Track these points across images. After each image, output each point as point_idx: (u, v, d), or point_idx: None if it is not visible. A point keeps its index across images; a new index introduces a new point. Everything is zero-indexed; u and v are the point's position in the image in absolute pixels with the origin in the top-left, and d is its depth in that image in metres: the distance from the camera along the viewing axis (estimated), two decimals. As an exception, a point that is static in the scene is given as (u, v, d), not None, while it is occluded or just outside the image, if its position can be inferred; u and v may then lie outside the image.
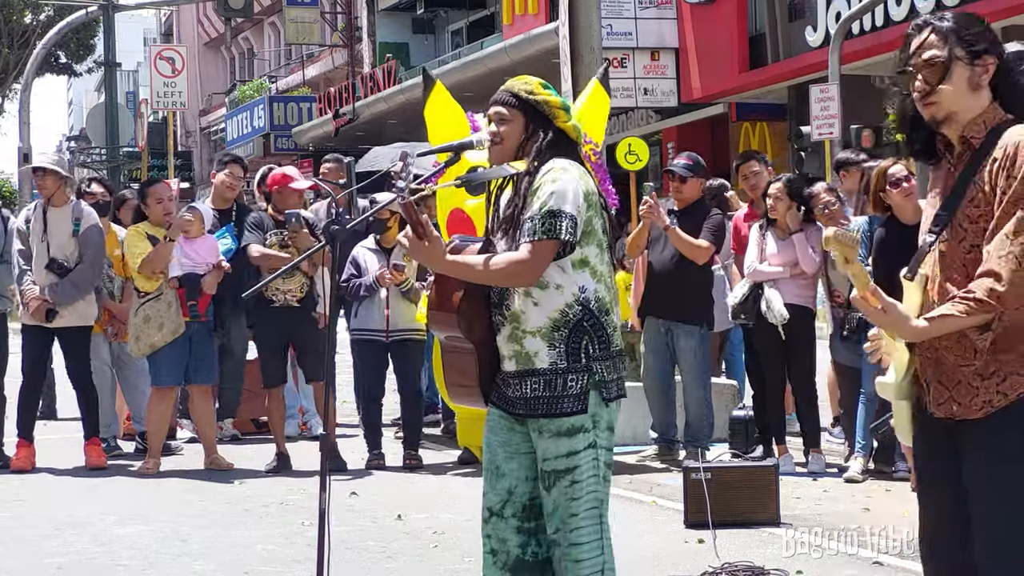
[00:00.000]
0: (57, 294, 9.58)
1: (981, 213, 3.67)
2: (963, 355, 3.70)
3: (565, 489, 4.31)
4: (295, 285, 9.51)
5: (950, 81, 3.70)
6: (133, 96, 57.24)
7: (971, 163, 3.72)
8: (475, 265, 4.31)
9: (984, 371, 3.68)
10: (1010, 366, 3.66)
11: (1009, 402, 3.66)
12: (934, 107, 3.73)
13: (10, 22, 41.61)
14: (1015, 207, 3.58)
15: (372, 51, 37.57)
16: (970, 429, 3.71)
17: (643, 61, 25.30)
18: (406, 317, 9.56)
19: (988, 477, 3.69)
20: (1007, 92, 3.75)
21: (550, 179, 4.29)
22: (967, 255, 3.70)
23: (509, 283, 4.31)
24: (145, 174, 26.22)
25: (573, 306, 4.30)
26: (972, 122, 3.73)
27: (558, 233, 4.22)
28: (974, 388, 3.69)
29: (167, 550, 7.15)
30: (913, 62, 3.75)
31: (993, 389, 3.67)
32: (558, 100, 4.45)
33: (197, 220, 9.69)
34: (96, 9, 26.17)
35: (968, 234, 3.70)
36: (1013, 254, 3.56)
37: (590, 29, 11.58)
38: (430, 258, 4.31)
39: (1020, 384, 3.65)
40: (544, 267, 4.26)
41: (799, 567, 6.31)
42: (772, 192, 9.02)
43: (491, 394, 4.47)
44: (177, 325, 9.44)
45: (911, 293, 3.80)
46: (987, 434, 3.68)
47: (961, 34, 3.71)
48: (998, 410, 3.67)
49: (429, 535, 7.36)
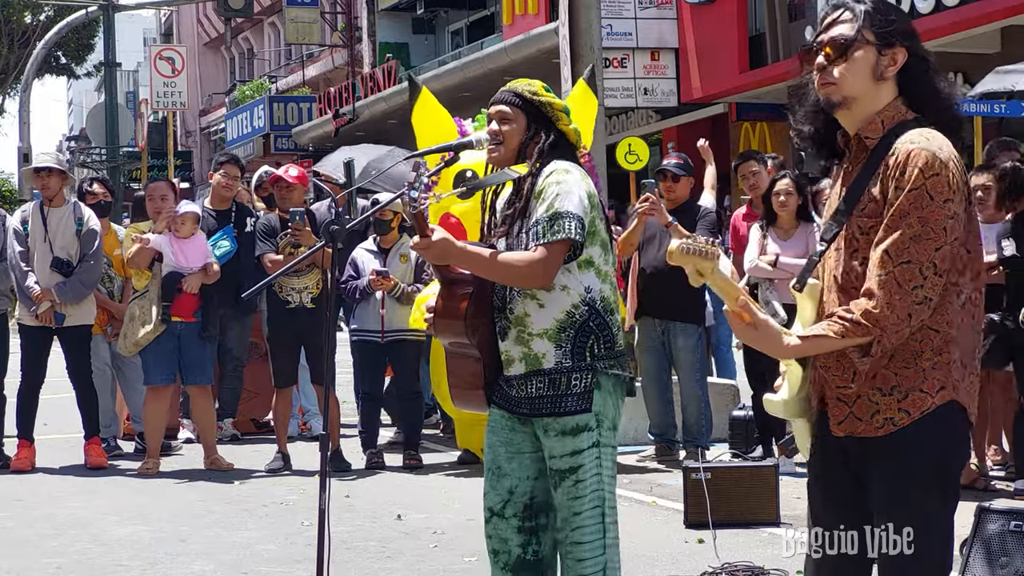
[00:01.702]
0: (65, 293, 9.60)
1: (872, 224, 3.39)
2: (841, 375, 3.46)
3: (569, 488, 4.32)
4: (311, 282, 9.52)
5: (852, 62, 3.43)
6: (133, 96, 57.29)
7: (865, 167, 3.44)
8: (489, 259, 4.28)
9: (884, 386, 3.41)
10: (911, 381, 3.39)
11: (912, 420, 3.39)
12: (830, 87, 3.45)
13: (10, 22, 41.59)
14: (899, 222, 3.31)
15: (372, 51, 37.55)
16: (872, 448, 3.43)
17: (643, 61, 25.27)
18: (401, 317, 9.56)
19: (891, 500, 3.42)
20: (913, 89, 3.46)
21: (554, 180, 4.29)
22: (861, 268, 3.42)
23: (523, 283, 4.29)
24: (145, 174, 26.22)
25: (579, 307, 4.30)
26: (870, 119, 3.46)
27: (568, 233, 4.22)
28: (874, 404, 3.42)
29: (167, 550, 7.15)
30: (819, 38, 3.50)
31: (895, 406, 3.40)
32: (560, 103, 4.47)
33: (188, 219, 9.66)
34: (96, 9, 26.17)
35: (860, 246, 3.42)
36: (894, 277, 3.30)
37: (590, 29, 11.58)
38: (444, 253, 4.25)
39: (922, 401, 3.38)
40: (557, 268, 4.26)
41: (799, 567, 6.29)
42: (781, 188, 9.01)
43: (493, 395, 4.48)
44: (159, 323, 9.44)
45: (803, 305, 3.56)
46: (890, 456, 3.41)
47: (875, 19, 3.44)
48: (900, 429, 3.40)
49: (429, 535, 7.35)
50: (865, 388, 3.44)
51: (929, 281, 3.31)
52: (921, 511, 3.41)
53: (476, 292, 4.37)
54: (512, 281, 4.30)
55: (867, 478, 3.49)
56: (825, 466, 3.61)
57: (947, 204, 3.31)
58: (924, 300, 3.32)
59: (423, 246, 4.23)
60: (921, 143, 3.36)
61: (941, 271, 3.32)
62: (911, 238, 3.31)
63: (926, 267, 3.31)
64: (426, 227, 4.20)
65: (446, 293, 4.46)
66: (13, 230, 9.73)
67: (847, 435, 3.49)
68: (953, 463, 3.49)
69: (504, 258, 4.28)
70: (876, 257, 3.34)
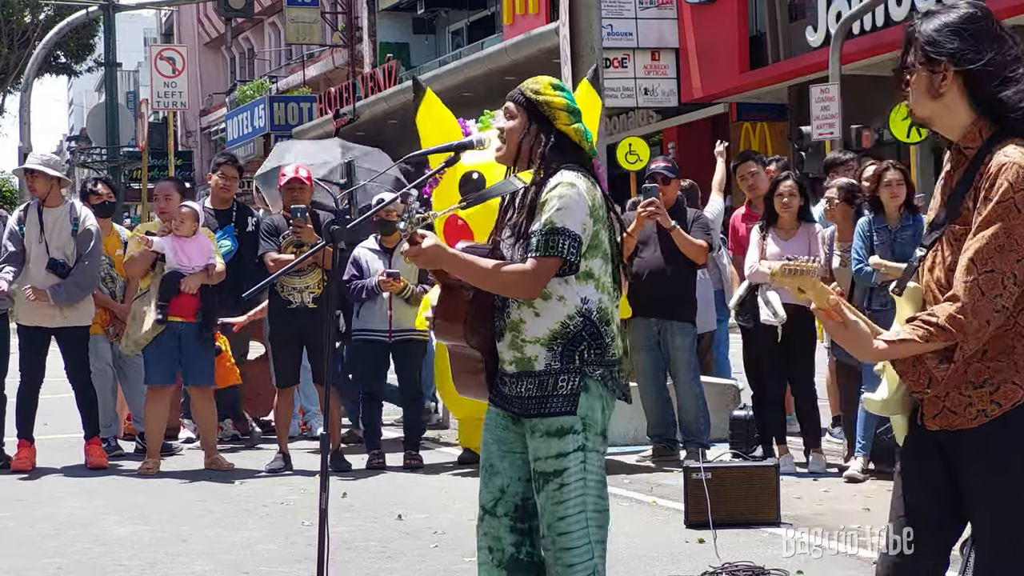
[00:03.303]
0: (60, 295, 9.58)
1: (964, 232, 3.53)
2: (916, 380, 3.57)
3: (553, 493, 4.30)
4: (312, 281, 9.52)
5: (912, 87, 3.61)
6: (133, 96, 57.31)
7: (963, 178, 3.59)
8: (480, 266, 4.30)
9: (976, 379, 3.53)
10: (1002, 374, 3.51)
11: (1003, 411, 3.51)
12: (911, 111, 3.66)
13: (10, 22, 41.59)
14: (986, 232, 3.44)
15: (372, 51, 37.58)
16: (965, 440, 3.56)
17: (643, 61, 25.30)
18: (409, 317, 9.57)
19: (983, 493, 3.55)
20: (979, 101, 3.57)
21: (557, 195, 4.27)
22: (952, 274, 3.55)
23: (508, 293, 4.31)
24: (145, 174, 26.24)
25: (575, 317, 4.30)
26: (967, 130, 3.59)
27: (560, 251, 4.23)
28: (967, 397, 3.54)
29: (167, 550, 7.14)
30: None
31: (987, 398, 3.52)
32: (562, 102, 4.42)
33: (188, 217, 9.66)
34: (96, 9, 26.18)
35: (954, 252, 3.56)
36: (978, 284, 3.43)
37: (590, 29, 11.58)
38: (435, 259, 4.28)
39: (1013, 393, 3.51)
40: (545, 282, 4.26)
41: (799, 567, 6.30)
42: (785, 189, 9.00)
43: (491, 391, 4.48)
44: (156, 322, 9.43)
45: (902, 309, 3.68)
46: (983, 448, 3.54)
47: (925, 38, 3.58)
48: (991, 420, 3.52)
49: (429, 535, 7.35)
50: (958, 382, 3.55)
51: (1008, 290, 3.44)
52: (1015, 504, 3.52)
53: (477, 296, 4.38)
54: (499, 290, 4.32)
55: (961, 472, 3.60)
56: (919, 460, 3.72)
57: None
58: (1002, 308, 3.45)
59: (414, 253, 4.26)
60: (1015, 156, 3.48)
61: (1020, 281, 3.45)
62: (996, 248, 3.43)
63: (1007, 277, 3.43)
64: (416, 235, 4.24)
65: (446, 297, 4.47)
66: (9, 230, 9.71)
67: (941, 428, 3.61)
68: None
69: (494, 267, 4.29)
70: (963, 264, 3.47)
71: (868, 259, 8.43)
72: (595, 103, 9.28)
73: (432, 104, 9.21)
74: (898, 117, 18.00)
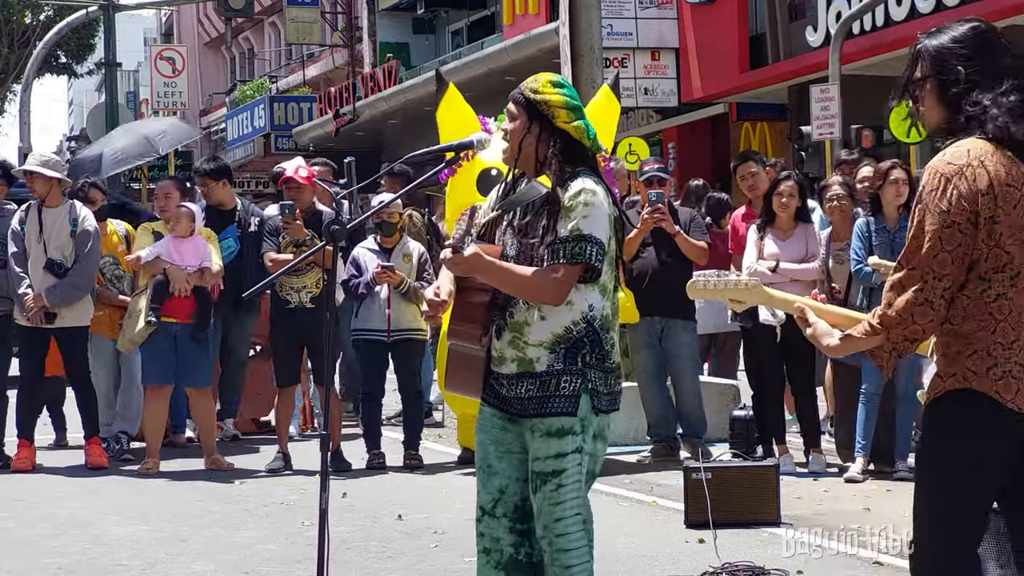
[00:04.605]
0: (56, 296, 9.57)
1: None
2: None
3: (550, 493, 4.31)
4: (310, 281, 9.51)
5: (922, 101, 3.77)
6: (134, 96, 57.26)
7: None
8: (517, 274, 4.30)
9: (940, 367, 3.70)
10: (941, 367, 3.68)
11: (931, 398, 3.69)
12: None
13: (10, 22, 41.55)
14: (910, 233, 3.63)
15: (372, 51, 37.53)
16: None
17: (643, 61, 25.26)
18: (407, 317, 9.58)
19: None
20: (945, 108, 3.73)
21: (583, 201, 4.29)
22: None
23: (536, 299, 4.31)
24: (145, 174, 26.20)
25: (579, 323, 4.32)
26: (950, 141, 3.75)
27: (588, 258, 4.26)
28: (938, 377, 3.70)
29: (167, 550, 7.15)
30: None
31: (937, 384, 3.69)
32: (561, 99, 4.41)
33: (184, 217, 9.65)
34: (96, 9, 26.13)
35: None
36: (900, 281, 3.62)
37: (590, 29, 11.60)
38: (474, 267, 4.28)
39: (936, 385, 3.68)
40: (570, 289, 4.29)
41: (799, 567, 6.31)
42: (785, 189, 9.03)
43: (483, 391, 4.48)
44: (146, 323, 9.42)
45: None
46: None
47: (921, 55, 3.74)
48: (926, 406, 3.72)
49: (429, 535, 7.36)
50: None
51: (929, 285, 3.59)
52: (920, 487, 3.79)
53: (493, 300, 4.39)
54: (527, 296, 4.32)
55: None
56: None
57: (943, 215, 3.57)
58: (926, 302, 3.59)
59: (456, 261, 4.25)
60: (937, 158, 3.66)
61: (940, 275, 3.58)
62: (916, 247, 3.62)
63: (927, 272, 3.59)
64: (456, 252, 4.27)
65: (461, 300, 4.47)
66: (11, 230, 9.71)
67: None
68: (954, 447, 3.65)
69: (527, 274, 4.29)
70: (896, 265, 3.68)
71: (867, 259, 8.46)
72: (614, 108, 9.47)
73: (454, 99, 9.32)
74: (898, 117, 18.00)
